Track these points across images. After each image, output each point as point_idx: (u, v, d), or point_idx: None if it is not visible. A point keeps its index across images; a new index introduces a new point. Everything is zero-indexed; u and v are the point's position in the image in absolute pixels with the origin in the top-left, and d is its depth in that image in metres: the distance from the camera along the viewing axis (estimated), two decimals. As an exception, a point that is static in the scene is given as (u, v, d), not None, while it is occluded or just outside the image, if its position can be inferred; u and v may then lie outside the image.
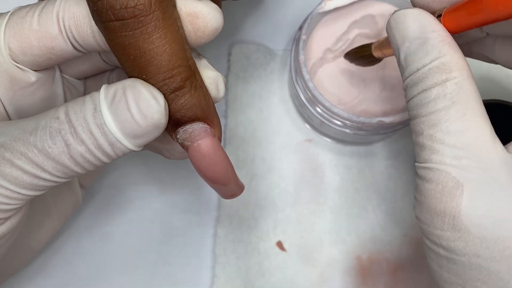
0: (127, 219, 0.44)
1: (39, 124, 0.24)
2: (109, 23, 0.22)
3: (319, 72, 0.42)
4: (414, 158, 0.46)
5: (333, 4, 0.41)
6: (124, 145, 0.24)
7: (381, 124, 0.39)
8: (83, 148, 0.23)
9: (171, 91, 0.24)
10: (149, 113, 0.23)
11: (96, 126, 0.23)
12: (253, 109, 0.46)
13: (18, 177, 0.23)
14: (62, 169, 0.24)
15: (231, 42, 0.47)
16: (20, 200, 0.25)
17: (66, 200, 0.34)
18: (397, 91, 0.42)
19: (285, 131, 0.46)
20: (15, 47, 0.25)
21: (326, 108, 0.40)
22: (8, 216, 0.25)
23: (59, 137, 0.23)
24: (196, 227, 0.44)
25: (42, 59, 0.26)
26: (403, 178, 0.46)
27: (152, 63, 0.23)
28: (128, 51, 0.23)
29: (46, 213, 0.33)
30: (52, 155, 0.23)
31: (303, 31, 0.41)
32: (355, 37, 0.42)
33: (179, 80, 0.24)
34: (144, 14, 0.22)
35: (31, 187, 0.24)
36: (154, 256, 0.44)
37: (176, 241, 0.44)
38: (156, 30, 0.23)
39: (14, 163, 0.23)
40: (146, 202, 0.44)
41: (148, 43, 0.23)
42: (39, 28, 0.25)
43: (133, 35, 0.22)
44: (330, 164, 0.46)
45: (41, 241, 0.33)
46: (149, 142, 0.25)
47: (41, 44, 0.25)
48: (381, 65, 0.42)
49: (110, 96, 0.23)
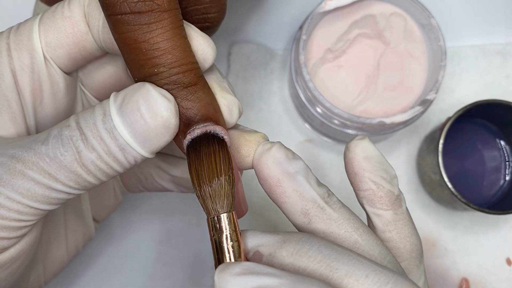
0: (127, 219, 0.44)
1: (51, 133, 0.23)
2: (124, 16, 0.22)
3: (320, 72, 0.42)
4: (414, 158, 0.46)
5: (334, 4, 0.41)
6: (134, 149, 0.23)
7: (381, 125, 0.39)
8: (94, 154, 0.23)
9: (184, 85, 0.23)
10: (158, 111, 0.23)
11: (105, 130, 0.23)
12: (253, 109, 0.46)
13: (30, 188, 0.23)
14: (75, 178, 0.23)
15: (231, 42, 0.47)
16: (32, 215, 0.24)
17: (78, 232, 0.33)
18: (398, 92, 0.42)
19: (285, 131, 0.46)
20: (52, 40, 0.26)
21: (326, 108, 0.39)
22: (21, 234, 0.24)
23: (71, 144, 0.23)
24: (196, 227, 0.44)
25: (77, 49, 0.26)
26: (403, 178, 0.46)
27: (166, 56, 0.23)
28: (141, 44, 0.23)
29: (56, 243, 0.31)
30: (64, 163, 0.23)
31: (303, 31, 0.40)
32: (355, 37, 0.42)
33: (193, 76, 0.24)
34: (162, 10, 0.22)
35: (43, 200, 0.23)
36: (154, 256, 0.44)
37: (176, 241, 0.44)
38: (171, 26, 0.23)
39: (26, 173, 0.23)
40: (146, 202, 0.44)
41: (164, 37, 0.23)
42: (70, 14, 0.26)
43: (148, 28, 0.22)
44: (331, 164, 0.46)
45: (49, 271, 0.31)
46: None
47: (75, 29, 0.26)
48: (381, 65, 0.42)
49: (119, 100, 0.23)
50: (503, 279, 0.44)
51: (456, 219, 0.45)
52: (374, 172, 0.26)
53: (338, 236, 0.24)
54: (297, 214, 0.25)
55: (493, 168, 0.44)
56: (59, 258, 0.32)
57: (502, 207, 0.41)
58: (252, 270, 0.21)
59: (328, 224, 0.24)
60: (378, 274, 0.21)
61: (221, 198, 0.23)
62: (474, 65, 0.46)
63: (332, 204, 0.25)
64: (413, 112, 0.39)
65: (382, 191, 0.26)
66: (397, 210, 0.26)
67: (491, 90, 0.46)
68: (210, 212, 0.23)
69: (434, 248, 0.44)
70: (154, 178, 0.33)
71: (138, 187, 0.35)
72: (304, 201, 0.24)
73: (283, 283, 0.20)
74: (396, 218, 0.26)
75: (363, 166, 0.26)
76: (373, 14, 0.42)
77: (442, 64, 0.40)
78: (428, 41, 0.42)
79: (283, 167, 0.25)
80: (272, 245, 0.23)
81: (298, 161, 0.25)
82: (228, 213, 0.23)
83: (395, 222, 0.26)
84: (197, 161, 0.23)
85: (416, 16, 0.42)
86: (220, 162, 0.23)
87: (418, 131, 0.46)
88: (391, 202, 0.26)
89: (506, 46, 0.46)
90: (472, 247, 0.44)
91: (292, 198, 0.24)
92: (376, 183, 0.26)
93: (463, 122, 0.43)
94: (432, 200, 0.45)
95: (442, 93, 0.46)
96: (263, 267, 0.21)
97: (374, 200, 0.26)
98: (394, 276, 0.21)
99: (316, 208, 0.24)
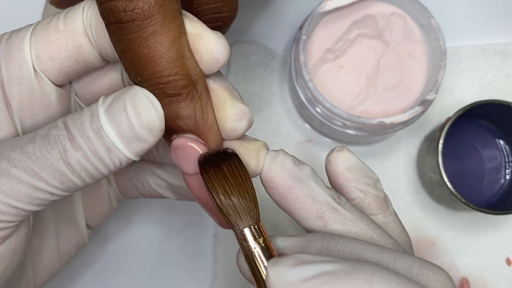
0: (127, 219, 0.44)
1: (38, 133, 0.23)
2: (110, 26, 0.22)
3: (319, 72, 0.42)
4: (414, 158, 0.46)
5: (334, 4, 0.41)
6: (119, 150, 0.23)
7: (381, 125, 0.39)
8: (80, 154, 0.23)
9: (165, 96, 0.23)
10: (144, 112, 0.23)
11: (92, 130, 0.23)
12: (253, 109, 0.46)
13: (14, 187, 0.23)
14: (60, 177, 0.23)
15: (231, 42, 0.47)
16: (14, 216, 0.24)
17: (71, 239, 0.33)
18: (397, 92, 0.42)
19: (285, 131, 0.46)
20: (43, 53, 0.25)
21: (326, 108, 0.40)
22: (1, 236, 0.24)
23: (58, 142, 0.23)
24: (196, 227, 0.44)
25: (69, 63, 0.26)
26: (403, 178, 0.46)
27: (147, 67, 0.23)
28: (126, 54, 0.23)
29: (47, 251, 0.31)
30: (50, 161, 0.23)
31: (303, 31, 0.40)
32: (355, 37, 0.42)
33: (175, 87, 0.23)
34: (141, 18, 0.22)
35: (26, 199, 0.23)
36: (154, 256, 0.44)
37: (176, 241, 0.44)
38: (153, 35, 0.22)
39: (10, 172, 0.23)
40: (146, 202, 0.44)
41: (144, 47, 0.22)
42: (65, 28, 0.25)
43: (130, 39, 0.22)
44: (330, 164, 0.46)
45: (39, 279, 0.31)
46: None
47: (68, 44, 0.25)
48: (381, 65, 0.42)
49: (108, 102, 0.23)
50: (503, 279, 0.44)
51: (456, 219, 0.45)
52: (359, 180, 0.26)
53: (354, 234, 0.25)
54: (312, 219, 0.25)
55: (493, 168, 0.44)
56: (50, 266, 0.31)
57: (502, 207, 0.41)
58: (306, 260, 0.21)
59: (344, 224, 0.25)
60: (403, 258, 0.22)
61: (249, 210, 0.24)
62: (474, 65, 0.46)
63: (343, 204, 0.25)
64: (413, 112, 0.39)
65: (369, 197, 0.26)
66: (386, 212, 0.27)
67: (491, 90, 0.46)
68: (239, 225, 0.24)
69: (434, 248, 0.44)
70: (151, 185, 0.33)
71: (134, 194, 0.35)
72: (318, 205, 0.25)
73: (342, 267, 0.21)
74: (386, 220, 0.26)
75: (347, 176, 0.26)
76: (373, 14, 0.42)
77: (442, 64, 0.40)
78: (428, 41, 0.42)
79: (292, 173, 0.25)
80: (297, 245, 0.24)
81: (305, 166, 0.25)
82: (256, 224, 0.24)
83: (385, 224, 0.26)
84: (220, 176, 0.24)
85: (416, 16, 0.42)
86: (244, 176, 0.24)
87: (418, 131, 0.46)
88: (379, 206, 0.26)
89: (506, 46, 0.46)
90: (472, 247, 0.45)
91: (306, 203, 0.25)
92: (362, 191, 0.26)
93: (463, 122, 0.43)
94: (432, 200, 0.45)
95: (442, 93, 0.46)
96: (315, 257, 0.22)
97: (363, 207, 0.26)
98: (416, 259, 0.23)
99: (331, 210, 0.25)
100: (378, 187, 0.27)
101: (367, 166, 0.27)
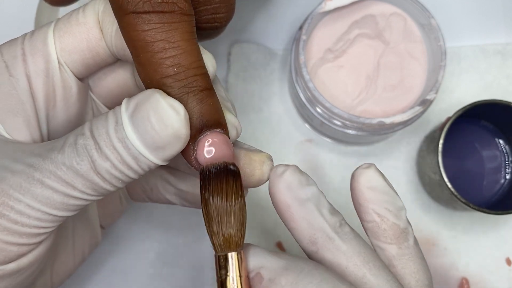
0: (127, 219, 0.44)
1: (67, 141, 0.24)
2: (145, 14, 0.23)
3: (319, 72, 0.42)
4: (414, 158, 0.46)
5: (334, 4, 0.41)
6: (147, 158, 0.23)
7: (381, 125, 0.39)
8: (108, 164, 0.23)
9: (200, 89, 0.23)
10: (169, 122, 0.22)
11: (118, 140, 0.23)
12: (253, 109, 0.46)
13: (49, 196, 0.23)
14: (92, 185, 0.23)
15: (231, 42, 0.47)
16: (51, 222, 0.24)
17: (85, 238, 0.33)
18: (397, 92, 0.42)
19: (285, 131, 0.46)
20: (67, 45, 0.26)
21: (326, 108, 0.40)
22: (39, 240, 0.24)
23: (85, 153, 0.23)
24: (196, 227, 0.44)
25: (91, 55, 0.26)
26: (403, 178, 0.46)
27: (185, 56, 0.23)
28: (159, 42, 0.23)
29: (64, 250, 0.31)
30: (80, 172, 0.23)
31: (303, 31, 0.40)
32: (355, 37, 0.42)
33: (208, 79, 0.24)
34: (183, 13, 0.23)
35: (62, 207, 0.24)
36: (154, 256, 0.44)
37: (176, 241, 0.44)
38: (190, 29, 0.23)
39: (44, 182, 0.23)
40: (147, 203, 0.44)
41: (184, 37, 0.23)
42: (85, 20, 0.26)
43: (170, 27, 0.23)
44: (331, 164, 0.46)
45: (56, 279, 0.31)
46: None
47: (90, 35, 0.26)
48: (381, 65, 0.42)
49: (131, 108, 0.23)
50: (503, 279, 0.44)
51: (456, 219, 0.45)
52: (379, 204, 0.25)
53: (345, 268, 0.24)
54: (305, 242, 0.24)
55: (493, 168, 0.44)
56: (66, 265, 0.32)
57: (502, 207, 0.41)
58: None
59: (336, 255, 0.24)
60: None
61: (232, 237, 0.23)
62: (474, 65, 0.46)
63: (343, 234, 0.24)
64: (413, 112, 0.39)
65: (386, 224, 0.25)
66: (402, 244, 0.25)
67: (490, 90, 0.46)
68: (217, 250, 0.24)
69: (434, 248, 0.44)
70: (160, 190, 0.33)
71: (142, 197, 0.35)
72: (313, 230, 0.24)
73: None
74: (400, 253, 0.25)
75: (367, 196, 0.25)
76: (373, 14, 0.42)
77: (442, 64, 0.40)
78: (428, 41, 0.42)
79: (294, 193, 0.24)
80: (274, 270, 0.23)
81: (311, 187, 0.25)
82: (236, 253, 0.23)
83: (399, 257, 0.25)
84: (220, 206, 0.24)
85: (416, 16, 0.42)
86: (236, 198, 0.24)
87: (418, 131, 0.46)
88: (395, 235, 0.25)
89: (506, 46, 0.46)
90: (472, 247, 0.45)
91: (300, 225, 0.24)
92: (380, 215, 0.25)
93: (463, 122, 0.43)
94: (431, 200, 0.45)
95: (442, 93, 0.46)
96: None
97: (378, 232, 0.25)
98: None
99: (325, 237, 0.24)
100: (400, 215, 0.25)
101: (394, 191, 0.25)
